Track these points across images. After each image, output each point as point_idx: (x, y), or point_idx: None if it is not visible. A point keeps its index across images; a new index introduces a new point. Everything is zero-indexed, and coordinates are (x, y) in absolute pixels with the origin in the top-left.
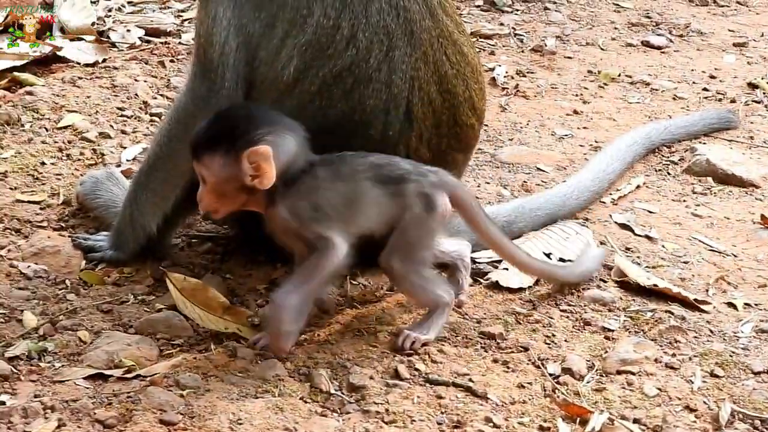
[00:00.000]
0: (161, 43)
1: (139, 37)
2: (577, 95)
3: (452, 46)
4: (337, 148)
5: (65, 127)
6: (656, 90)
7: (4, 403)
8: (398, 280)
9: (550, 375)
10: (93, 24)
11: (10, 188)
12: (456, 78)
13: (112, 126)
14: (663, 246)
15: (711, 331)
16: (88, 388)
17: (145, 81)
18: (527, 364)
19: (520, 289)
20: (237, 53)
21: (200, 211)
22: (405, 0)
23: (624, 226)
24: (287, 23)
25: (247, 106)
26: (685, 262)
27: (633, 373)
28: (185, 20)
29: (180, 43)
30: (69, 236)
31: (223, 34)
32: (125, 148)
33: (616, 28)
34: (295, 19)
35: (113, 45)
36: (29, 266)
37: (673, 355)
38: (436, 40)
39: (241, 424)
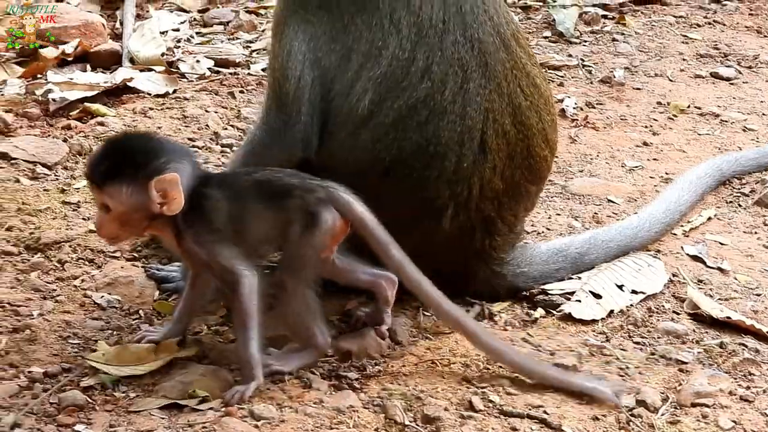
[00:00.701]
0: (230, 73)
1: (209, 68)
2: (646, 127)
3: (526, 78)
4: (412, 180)
5: None
6: (726, 122)
7: None
8: (286, 300)
9: (625, 407)
10: (162, 55)
11: (83, 218)
12: (530, 110)
13: None
14: (735, 278)
15: None
16: (163, 418)
17: (215, 112)
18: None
19: (593, 321)
20: (312, 87)
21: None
22: (479, 32)
23: (696, 258)
24: (362, 56)
25: (140, 134)
26: (758, 295)
27: (708, 406)
28: (254, 51)
29: (249, 73)
30: (142, 267)
31: (299, 68)
32: None
33: (684, 60)
34: (370, 51)
35: (182, 76)
36: (103, 296)
37: (748, 387)
38: (510, 71)
39: None
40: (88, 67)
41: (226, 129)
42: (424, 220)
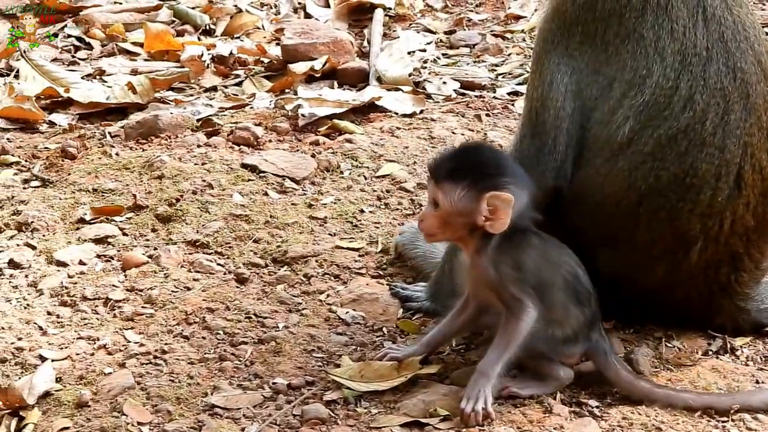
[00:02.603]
0: (476, 96)
1: (454, 90)
2: None
3: None
4: (665, 210)
5: (384, 176)
6: None
7: None
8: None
9: None
10: (409, 75)
11: (330, 234)
12: None
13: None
14: None
15: None
16: None
17: (462, 134)
18: None
19: None
20: (572, 117)
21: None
22: (741, 61)
23: None
24: (625, 84)
25: (494, 149)
26: None
27: None
28: (499, 74)
29: (495, 97)
30: (387, 284)
31: (560, 99)
32: None
33: None
34: (634, 80)
35: (429, 96)
36: (347, 312)
37: None
38: None
39: None
40: (335, 83)
41: None
42: (673, 251)
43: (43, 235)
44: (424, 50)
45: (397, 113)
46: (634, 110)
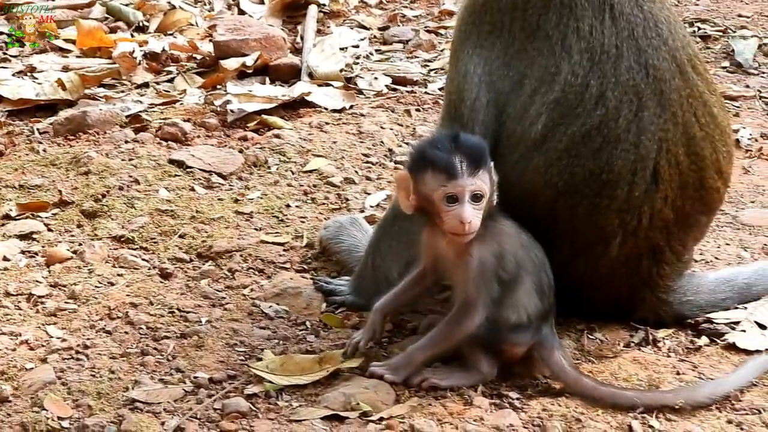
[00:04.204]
0: (407, 91)
1: (386, 85)
2: None
3: (702, 107)
4: (582, 206)
5: (311, 171)
6: None
7: None
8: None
9: None
10: (341, 71)
11: (255, 229)
12: (704, 140)
13: (356, 172)
14: None
15: None
16: (324, 428)
17: (391, 129)
18: (761, 426)
19: (757, 351)
20: (487, 109)
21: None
22: (654, 58)
23: None
24: (536, 81)
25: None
26: None
27: None
28: (432, 70)
29: (426, 92)
30: (311, 278)
31: (474, 91)
32: (369, 194)
33: None
34: (544, 77)
35: (360, 92)
36: (271, 306)
37: None
38: (686, 100)
39: None
40: (267, 80)
41: (400, 146)
42: (593, 246)
43: None
44: (357, 46)
45: (326, 109)
46: (547, 107)
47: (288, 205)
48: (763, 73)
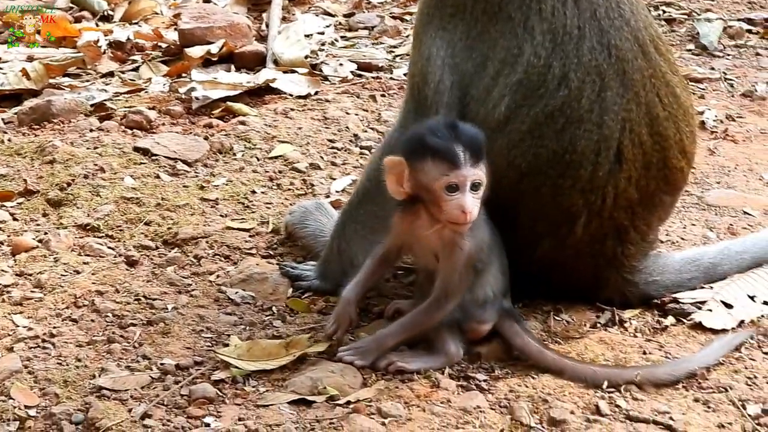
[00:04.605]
0: (373, 77)
1: (351, 72)
2: None
3: (665, 87)
4: (546, 187)
5: (276, 157)
6: None
7: (209, 425)
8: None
9: (751, 416)
10: (306, 57)
11: (221, 215)
12: (667, 120)
13: (322, 157)
14: None
15: None
16: (291, 413)
17: (356, 114)
18: (728, 404)
19: (723, 330)
20: (451, 91)
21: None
22: (616, 38)
23: None
24: (498, 62)
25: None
26: None
27: None
28: (397, 56)
29: (391, 78)
30: (277, 264)
31: (438, 73)
32: (334, 179)
33: None
34: (506, 58)
35: (325, 78)
36: (237, 292)
37: None
38: (649, 80)
39: None
40: (233, 67)
41: (366, 132)
42: (558, 226)
43: None
44: (322, 33)
45: (291, 95)
46: (510, 88)
47: (253, 192)
48: (728, 55)
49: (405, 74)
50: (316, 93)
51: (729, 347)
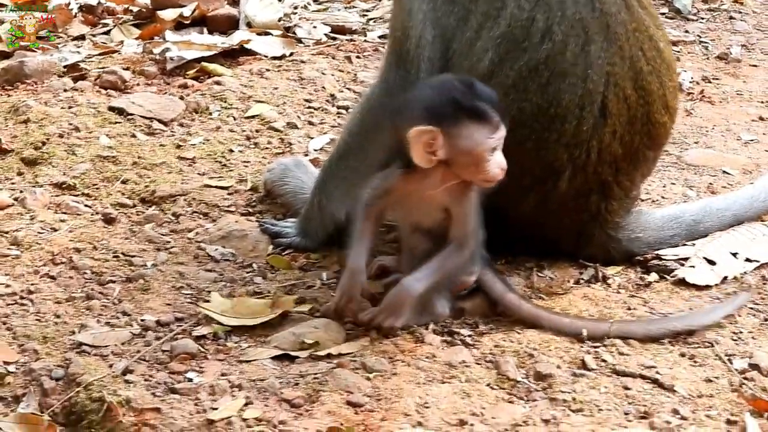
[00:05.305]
0: (347, 40)
1: (326, 34)
2: (762, 102)
3: (648, 41)
4: (531, 141)
5: (253, 117)
6: None
7: (191, 380)
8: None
9: (737, 370)
10: (279, 20)
11: (199, 173)
12: (651, 75)
13: (299, 117)
14: None
15: None
16: (275, 368)
17: (332, 75)
18: (714, 359)
19: (707, 287)
20: (433, 45)
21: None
22: None
23: None
24: (481, 15)
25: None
26: None
27: None
28: (370, 19)
29: (365, 40)
30: (256, 221)
31: (419, 27)
32: (312, 138)
33: None
34: (489, 11)
35: (299, 41)
36: (217, 249)
37: None
38: (632, 34)
39: (427, 407)
40: (205, 30)
41: (342, 91)
42: (542, 181)
43: None
44: None
45: (266, 56)
46: (493, 42)
47: (231, 150)
48: (702, 19)
49: (380, 37)
50: (291, 54)
51: (729, 311)
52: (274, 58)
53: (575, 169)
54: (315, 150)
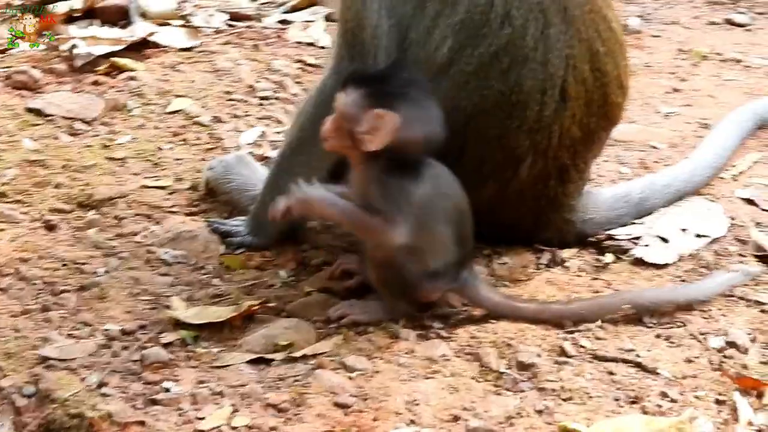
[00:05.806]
0: (246, 27)
1: (224, 22)
2: (672, 73)
3: (603, 22)
4: (493, 129)
5: (175, 112)
6: (749, 67)
7: (168, 390)
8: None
9: (715, 349)
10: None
11: (133, 174)
12: (606, 56)
13: (222, 110)
14: None
15: None
16: (252, 373)
17: (245, 65)
18: (689, 338)
19: (665, 265)
20: (389, 35)
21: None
22: None
23: (749, 201)
24: (438, 3)
25: (418, 76)
26: None
27: None
28: (263, 4)
29: (264, 27)
30: (204, 221)
31: (374, 17)
32: (241, 131)
33: (696, 7)
34: None
35: (197, 30)
36: (167, 252)
37: None
38: (588, 15)
39: (417, 404)
40: (98, 23)
41: (259, 82)
42: (503, 169)
43: None
44: None
45: (173, 48)
46: (452, 29)
47: (160, 148)
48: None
49: (279, 21)
50: (200, 45)
51: (724, 287)
52: (183, 49)
53: (536, 155)
54: (247, 144)
